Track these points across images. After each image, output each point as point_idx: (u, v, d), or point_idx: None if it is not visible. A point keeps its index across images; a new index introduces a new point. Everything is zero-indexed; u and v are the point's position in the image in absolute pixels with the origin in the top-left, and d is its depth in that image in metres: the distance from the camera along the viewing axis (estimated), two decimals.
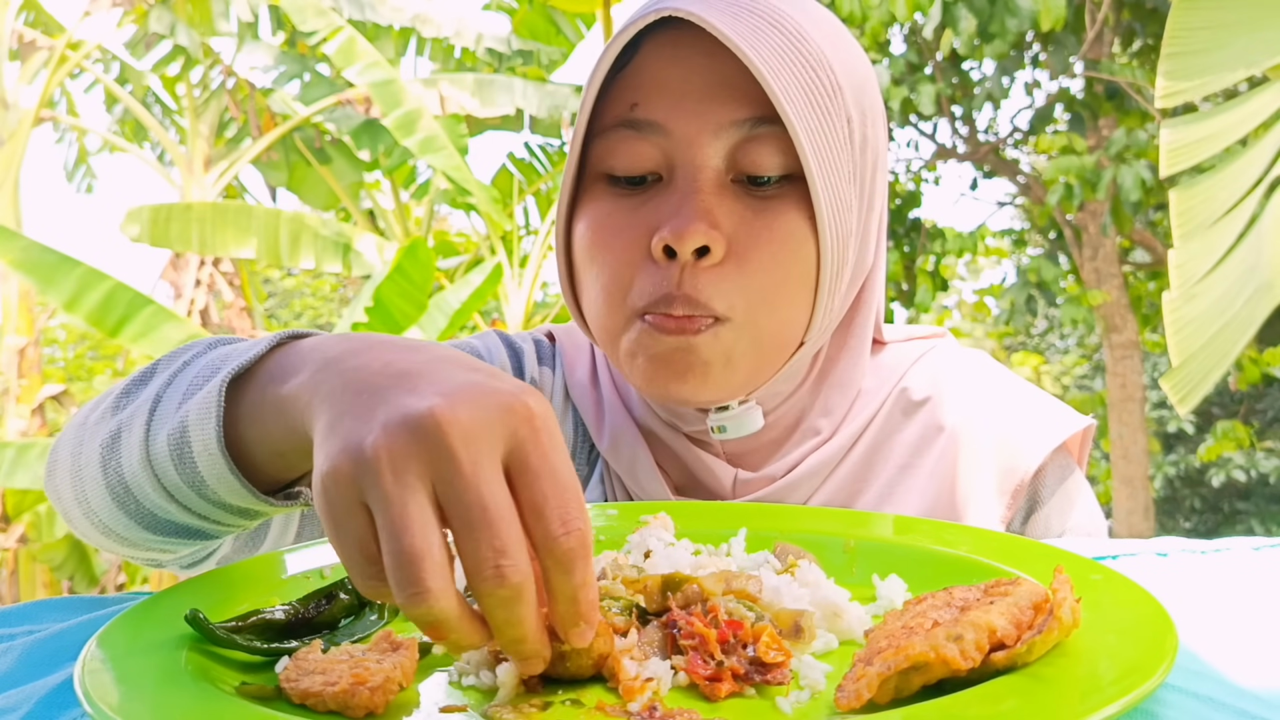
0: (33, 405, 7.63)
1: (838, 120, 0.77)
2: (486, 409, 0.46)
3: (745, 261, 0.77)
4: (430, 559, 0.44)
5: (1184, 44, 2.92)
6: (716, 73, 0.77)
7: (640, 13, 0.77)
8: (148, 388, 0.68)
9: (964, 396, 0.88)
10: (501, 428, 0.46)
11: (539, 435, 0.46)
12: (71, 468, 0.70)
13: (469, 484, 0.44)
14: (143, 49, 8.33)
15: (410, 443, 0.45)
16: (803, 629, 0.53)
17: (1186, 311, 2.79)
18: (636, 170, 0.79)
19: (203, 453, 0.60)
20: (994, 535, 0.68)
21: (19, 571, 7.63)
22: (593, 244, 0.81)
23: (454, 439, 0.45)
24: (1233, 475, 11.79)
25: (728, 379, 0.79)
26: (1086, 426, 0.88)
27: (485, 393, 0.47)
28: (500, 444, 0.46)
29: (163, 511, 0.66)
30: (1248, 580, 0.64)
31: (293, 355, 0.58)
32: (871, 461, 0.87)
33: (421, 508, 0.45)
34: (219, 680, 0.51)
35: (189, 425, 0.61)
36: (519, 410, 0.46)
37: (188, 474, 0.62)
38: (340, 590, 0.61)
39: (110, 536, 0.71)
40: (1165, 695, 0.46)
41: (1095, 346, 13.38)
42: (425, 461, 0.45)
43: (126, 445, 0.65)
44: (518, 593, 0.45)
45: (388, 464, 0.45)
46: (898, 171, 8.07)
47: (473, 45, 8.25)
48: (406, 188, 8.94)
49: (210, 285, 8.29)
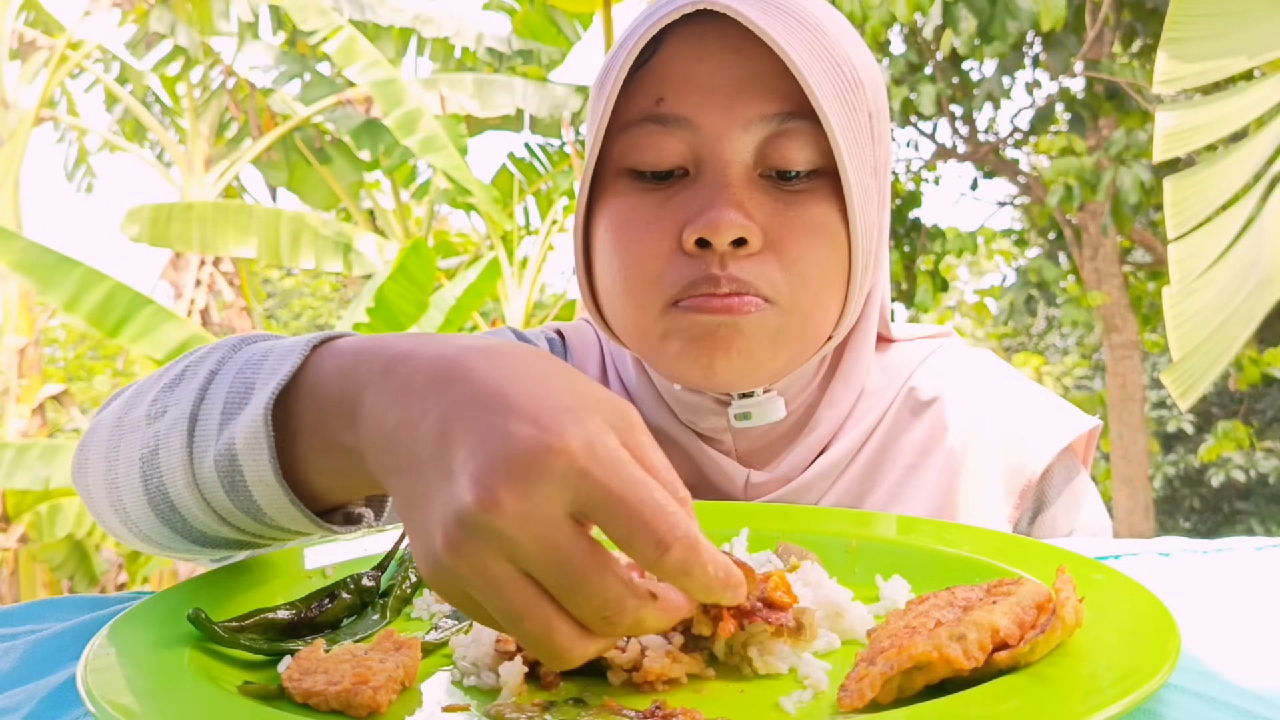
0: (33, 405, 7.63)
1: (860, 115, 0.77)
2: (525, 479, 0.43)
3: (784, 251, 0.76)
4: (550, 622, 0.44)
5: (1185, 30, 2.91)
6: (744, 68, 0.76)
7: (666, 6, 0.76)
8: (179, 394, 0.63)
9: (971, 397, 0.88)
10: (549, 489, 0.43)
11: (589, 472, 0.43)
12: (106, 475, 0.66)
13: (543, 560, 0.43)
14: (143, 49, 8.33)
15: (473, 542, 0.43)
16: (804, 625, 0.53)
17: (1187, 306, 2.79)
18: (663, 165, 0.78)
19: (258, 483, 0.57)
20: (996, 535, 0.68)
21: (19, 571, 7.63)
22: (617, 239, 0.79)
23: (507, 529, 0.42)
24: (1232, 475, 11.79)
25: (769, 361, 0.78)
26: (1093, 428, 0.88)
27: (518, 458, 0.43)
28: (557, 503, 0.43)
29: (213, 531, 0.62)
30: (1250, 580, 0.64)
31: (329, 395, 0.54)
32: (880, 462, 0.86)
33: (512, 589, 0.44)
34: (221, 680, 0.51)
35: (238, 454, 0.57)
36: (558, 463, 0.43)
37: (241, 501, 0.59)
38: (343, 590, 0.61)
39: (151, 544, 0.68)
40: (1168, 695, 0.46)
41: (1095, 346, 13.38)
42: (495, 549, 0.43)
43: (167, 464, 0.61)
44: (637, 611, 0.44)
45: (466, 567, 0.43)
46: (898, 171, 8.07)
47: (473, 45, 8.25)
48: (407, 188, 8.95)
49: (210, 285, 8.29)
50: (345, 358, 0.55)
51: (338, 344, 0.57)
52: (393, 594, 0.62)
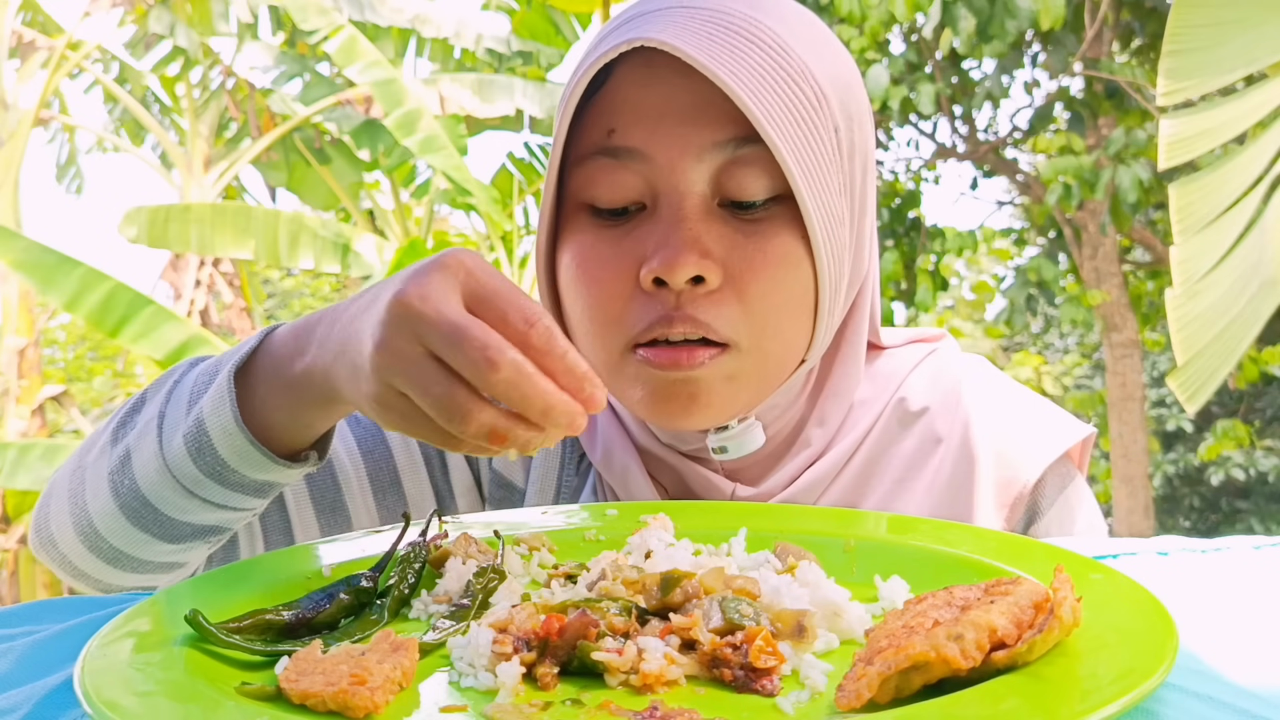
0: (33, 406, 7.63)
1: (825, 132, 0.74)
2: (427, 274, 0.57)
3: (744, 289, 0.75)
4: (454, 391, 0.55)
5: (1185, 41, 2.92)
6: (694, 93, 0.74)
7: (610, 41, 0.75)
8: (143, 414, 0.75)
9: (962, 406, 0.86)
10: (443, 279, 0.57)
11: (475, 272, 0.57)
12: (71, 509, 0.77)
13: (437, 322, 0.55)
14: (142, 49, 8.34)
15: (392, 330, 0.57)
16: (805, 629, 0.53)
17: (1190, 308, 2.79)
18: (618, 201, 0.77)
19: (221, 436, 0.68)
20: (994, 535, 0.68)
21: (19, 572, 7.64)
22: (578, 278, 0.78)
23: (414, 305, 0.56)
24: (1232, 474, 11.79)
25: (731, 402, 0.78)
26: (1087, 435, 0.86)
27: (422, 267, 0.58)
28: (451, 291, 0.56)
29: (182, 512, 0.73)
30: (1248, 579, 0.64)
31: (285, 344, 0.69)
32: (868, 475, 0.85)
33: (427, 364, 0.56)
34: (219, 680, 0.51)
35: (204, 418, 0.69)
36: (450, 262, 0.57)
37: (207, 463, 0.69)
38: (340, 590, 0.61)
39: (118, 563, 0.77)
40: (1166, 694, 0.46)
41: (1095, 346, 13.38)
42: (407, 334, 0.56)
43: (139, 462, 0.72)
44: (516, 367, 0.54)
45: (389, 356, 0.57)
46: (897, 171, 8.07)
47: (473, 45, 8.25)
48: (406, 188, 8.94)
49: (210, 286, 8.29)
50: (295, 323, 0.70)
51: (279, 328, 0.71)
52: (390, 595, 0.62)
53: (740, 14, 0.74)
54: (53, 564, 0.81)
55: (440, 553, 0.66)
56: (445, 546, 0.66)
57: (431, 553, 0.66)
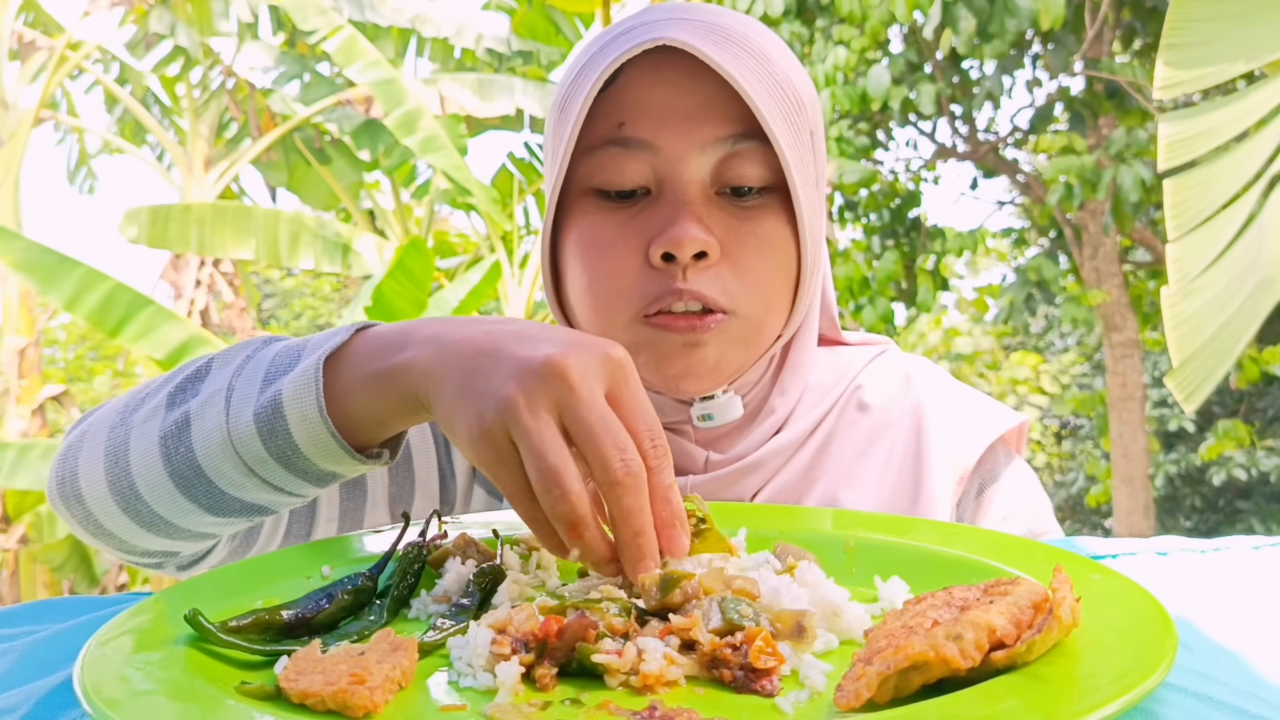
0: (33, 406, 7.63)
1: (804, 134, 0.85)
2: (591, 354, 0.60)
3: (739, 263, 0.83)
4: (567, 469, 0.57)
5: (1184, 35, 2.92)
6: (699, 94, 0.82)
7: (623, 43, 0.82)
8: (209, 383, 0.74)
9: (910, 395, 0.97)
10: (602, 369, 0.60)
11: (629, 377, 0.61)
12: (108, 467, 0.75)
13: (589, 406, 0.58)
14: (143, 49, 8.34)
15: (538, 384, 0.58)
16: (805, 629, 0.53)
17: (1185, 307, 2.79)
18: (626, 185, 0.84)
19: (299, 422, 0.68)
20: (994, 535, 0.68)
21: (19, 572, 7.64)
22: (586, 255, 0.85)
23: (572, 377, 0.58)
24: (1233, 474, 11.78)
25: (727, 365, 0.85)
26: (1021, 423, 0.98)
27: (586, 344, 0.61)
28: (602, 381, 0.59)
29: (236, 488, 0.72)
30: (1248, 579, 0.64)
31: (385, 337, 0.68)
32: (829, 449, 0.94)
33: (554, 433, 0.57)
34: (218, 680, 0.51)
35: (283, 401, 0.68)
36: (613, 357, 0.61)
37: (278, 446, 0.69)
38: (340, 590, 0.61)
39: (152, 528, 0.75)
40: (1165, 694, 0.46)
41: (1095, 346, 13.38)
42: (552, 397, 0.58)
43: (200, 431, 0.71)
44: (639, 481, 0.57)
45: (524, 406, 0.58)
46: (897, 171, 8.07)
47: (473, 45, 8.26)
48: (407, 188, 8.95)
49: (210, 286, 8.30)
50: (393, 324, 0.70)
51: (377, 326, 0.71)
52: (390, 594, 0.62)
53: (732, 27, 0.84)
54: (72, 519, 0.78)
55: (440, 553, 0.66)
56: (445, 547, 0.67)
57: (431, 553, 0.66)
